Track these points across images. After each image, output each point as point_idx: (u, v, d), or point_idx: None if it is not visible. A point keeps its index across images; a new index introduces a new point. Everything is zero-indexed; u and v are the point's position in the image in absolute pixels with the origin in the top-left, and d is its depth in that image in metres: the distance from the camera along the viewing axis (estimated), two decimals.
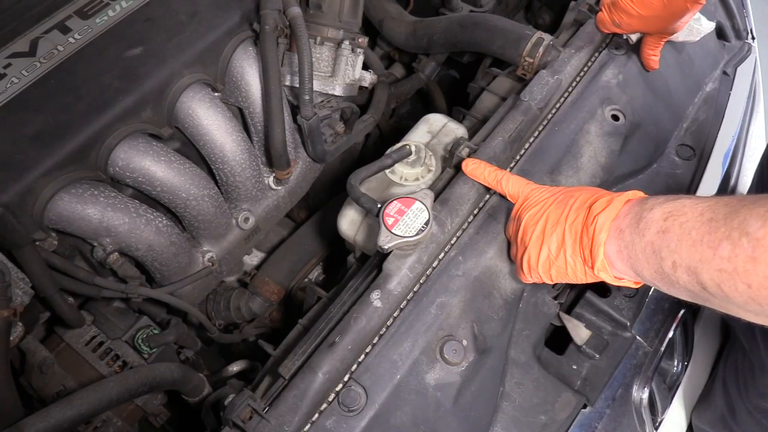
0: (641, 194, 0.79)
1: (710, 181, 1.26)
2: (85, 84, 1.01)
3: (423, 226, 0.93)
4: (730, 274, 0.62)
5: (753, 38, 1.49)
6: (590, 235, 0.78)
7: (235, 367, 1.28)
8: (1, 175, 0.92)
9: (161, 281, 1.15)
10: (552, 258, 0.83)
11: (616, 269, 0.77)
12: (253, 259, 1.53)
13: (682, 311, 1.14)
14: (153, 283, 1.18)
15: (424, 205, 0.94)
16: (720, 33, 1.46)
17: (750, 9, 1.51)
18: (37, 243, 1.00)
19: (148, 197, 1.10)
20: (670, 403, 1.19)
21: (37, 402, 1.09)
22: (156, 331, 1.15)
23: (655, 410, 1.15)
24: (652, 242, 0.70)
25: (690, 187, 1.23)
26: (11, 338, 0.93)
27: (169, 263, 1.12)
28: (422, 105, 1.88)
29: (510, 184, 0.95)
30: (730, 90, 1.40)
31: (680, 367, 1.21)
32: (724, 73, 1.42)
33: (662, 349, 1.09)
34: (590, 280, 0.82)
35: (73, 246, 1.08)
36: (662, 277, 0.71)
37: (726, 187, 1.29)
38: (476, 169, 0.98)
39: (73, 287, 1.05)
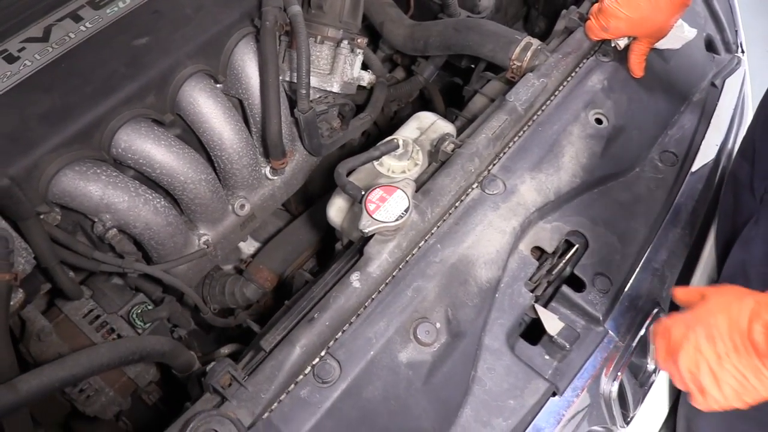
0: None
1: (692, 187, 1.30)
2: (93, 69, 1.08)
3: (402, 213, 0.98)
4: None
5: (743, 52, 1.53)
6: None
7: (226, 350, 1.33)
8: (11, 150, 0.99)
9: (158, 260, 1.21)
10: (738, 390, 0.81)
11: None
12: (249, 248, 1.59)
13: (655, 310, 1.17)
14: (150, 263, 1.23)
15: (405, 194, 1.00)
16: (709, 46, 1.50)
17: (740, 23, 1.55)
18: (42, 216, 1.06)
19: (148, 179, 1.16)
20: (643, 400, 1.22)
21: (34, 368, 1.15)
22: (150, 308, 1.21)
23: (626, 405, 1.18)
24: None
25: (671, 191, 1.27)
26: (12, 303, 0.99)
27: (166, 242, 1.18)
28: (423, 107, 1.93)
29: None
30: (718, 101, 1.44)
31: (655, 365, 1.24)
32: (713, 84, 1.46)
33: (633, 344, 1.13)
34: None
35: (75, 222, 1.14)
36: None
37: (706, 196, 1.32)
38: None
39: (73, 260, 1.11)
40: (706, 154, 1.35)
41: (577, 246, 1.16)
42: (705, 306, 0.86)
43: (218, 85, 1.23)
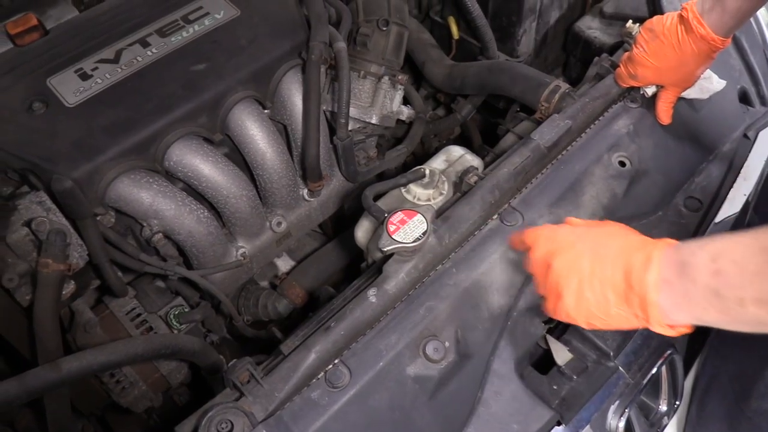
0: (671, 241, 0.79)
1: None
2: (154, 89, 1.21)
3: (420, 236, 1.05)
4: None
5: None
6: (640, 295, 0.78)
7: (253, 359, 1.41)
8: (77, 156, 1.11)
9: (197, 267, 1.31)
10: (593, 311, 0.84)
11: (671, 319, 0.78)
12: (285, 265, 1.68)
13: (669, 351, 1.19)
14: (191, 269, 1.33)
15: (425, 218, 1.06)
16: (744, 98, 1.52)
17: None
18: (98, 217, 1.18)
19: (194, 191, 1.27)
20: None
21: None
22: (187, 310, 1.31)
23: None
24: (709, 285, 0.71)
25: (695, 236, 1.29)
26: (63, 292, 1.10)
27: (206, 251, 1.28)
28: (463, 143, 2.01)
29: (528, 232, 0.97)
30: (749, 152, 1.46)
31: (667, 407, 1.24)
32: (745, 136, 1.48)
33: (644, 382, 1.15)
34: (637, 327, 0.84)
35: (126, 226, 1.26)
36: (728, 316, 0.71)
37: None
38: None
39: (122, 260, 1.22)
40: (732, 205, 1.36)
41: None
42: (602, 227, 0.88)
43: (265, 111, 1.34)
